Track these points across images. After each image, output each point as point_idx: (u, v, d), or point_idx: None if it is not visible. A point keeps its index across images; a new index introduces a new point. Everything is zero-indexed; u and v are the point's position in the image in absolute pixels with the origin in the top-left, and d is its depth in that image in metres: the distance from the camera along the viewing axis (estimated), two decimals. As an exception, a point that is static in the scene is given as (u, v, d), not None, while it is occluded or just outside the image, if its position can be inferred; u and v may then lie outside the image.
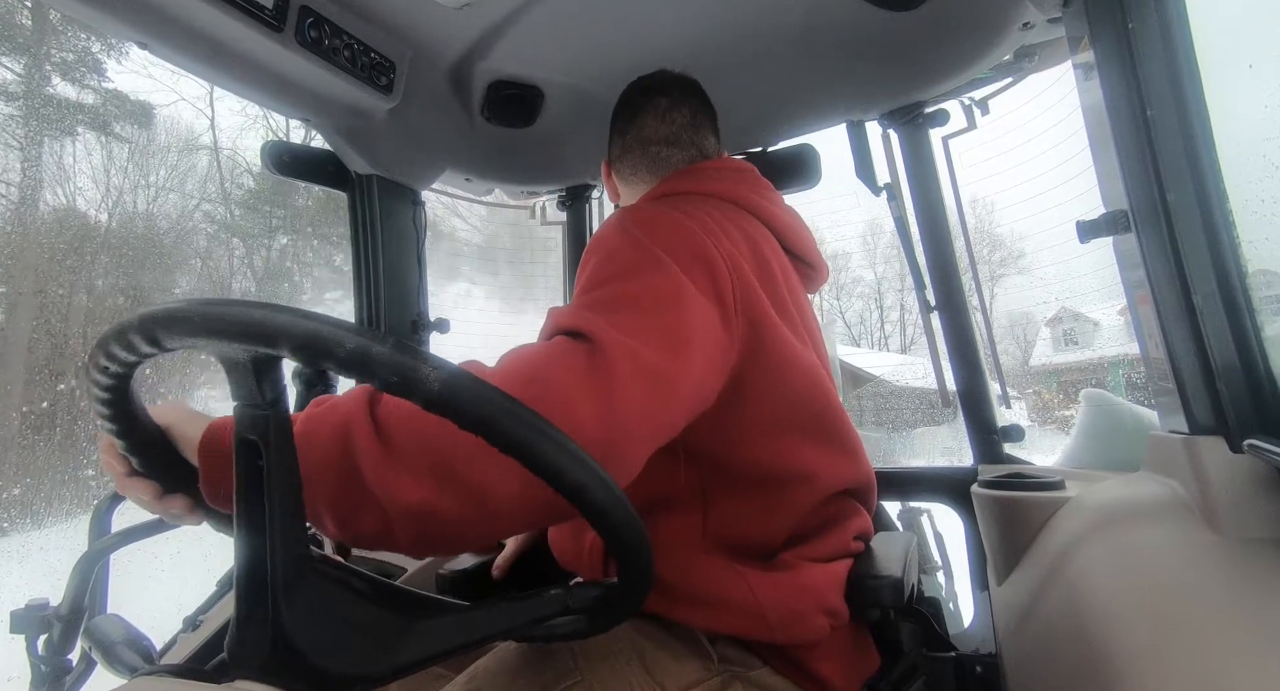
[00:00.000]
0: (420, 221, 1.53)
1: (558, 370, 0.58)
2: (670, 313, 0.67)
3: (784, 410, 0.78)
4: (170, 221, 10.22)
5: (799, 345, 0.80)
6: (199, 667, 0.47)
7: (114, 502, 0.96)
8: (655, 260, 0.70)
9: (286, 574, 0.43)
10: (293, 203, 11.40)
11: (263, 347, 0.40)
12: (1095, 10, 0.78)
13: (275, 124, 11.91)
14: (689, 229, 0.76)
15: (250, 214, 11.39)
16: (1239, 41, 0.76)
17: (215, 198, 11.13)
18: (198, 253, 10.53)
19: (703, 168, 0.95)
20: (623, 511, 0.46)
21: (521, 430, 0.42)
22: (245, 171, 11.57)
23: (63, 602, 0.83)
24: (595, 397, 0.57)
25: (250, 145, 11.68)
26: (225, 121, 11.92)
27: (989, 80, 1.31)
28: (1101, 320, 11.75)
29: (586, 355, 0.60)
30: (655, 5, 1.21)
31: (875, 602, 0.79)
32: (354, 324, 0.44)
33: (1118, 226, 0.80)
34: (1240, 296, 0.67)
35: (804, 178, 1.38)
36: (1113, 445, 1.21)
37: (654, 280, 0.69)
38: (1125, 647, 0.63)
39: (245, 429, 0.44)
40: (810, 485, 0.80)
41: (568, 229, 1.87)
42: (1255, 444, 0.63)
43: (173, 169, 10.66)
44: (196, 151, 11.20)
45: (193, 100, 11.66)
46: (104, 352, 0.45)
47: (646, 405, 0.61)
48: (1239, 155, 0.69)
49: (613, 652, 0.72)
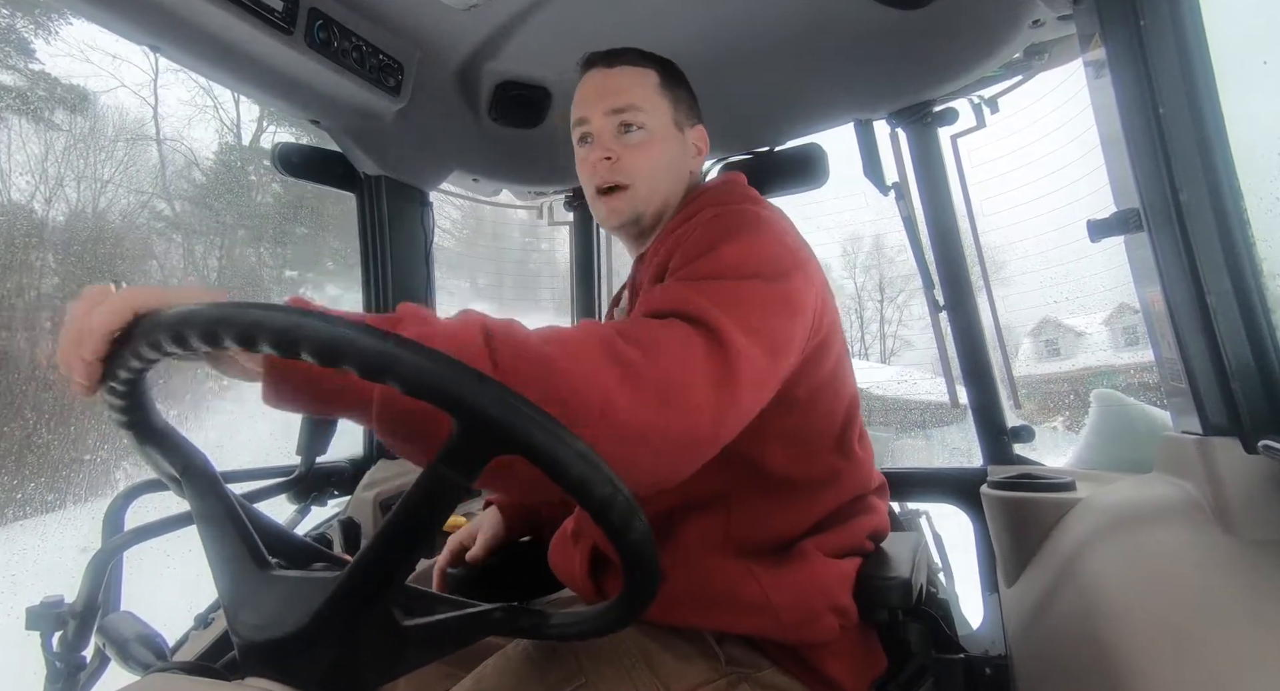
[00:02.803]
0: (428, 222, 1.54)
1: (681, 354, 0.58)
2: (787, 321, 0.68)
3: (822, 423, 0.80)
4: (111, 218, 8.79)
5: (849, 365, 0.83)
6: (210, 665, 0.48)
7: (127, 500, 0.97)
8: (796, 266, 0.72)
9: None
10: (249, 200, 10.05)
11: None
12: (1107, 7, 0.78)
13: (226, 115, 10.39)
14: (799, 241, 0.78)
15: (200, 211, 9.85)
16: (1253, 37, 0.75)
17: (167, 193, 9.60)
18: (142, 254, 9.05)
19: (733, 180, 0.93)
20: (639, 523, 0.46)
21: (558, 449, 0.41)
22: (193, 164, 9.99)
23: (77, 600, 0.84)
24: (719, 394, 0.58)
25: (199, 136, 10.19)
26: (173, 111, 10.16)
27: (998, 78, 1.30)
28: (1086, 330, 11.65)
29: (709, 348, 0.60)
30: (662, 5, 1.21)
31: (884, 603, 0.79)
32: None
33: (1129, 225, 0.79)
34: (1254, 295, 0.66)
35: (811, 177, 1.38)
36: (1124, 446, 1.20)
37: (788, 287, 0.70)
38: (1137, 649, 0.62)
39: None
40: (834, 489, 0.82)
41: (575, 228, 1.88)
42: (1270, 444, 0.62)
43: (113, 159, 9.11)
44: (138, 142, 9.60)
45: (135, 87, 9.84)
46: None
47: (750, 409, 0.62)
48: (1253, 153, 0.68)
49: (619, 654, 0.72)
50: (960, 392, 1.44)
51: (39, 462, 5.88)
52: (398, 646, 0.47)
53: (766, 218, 0.77)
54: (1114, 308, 10.62)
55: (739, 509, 0.78)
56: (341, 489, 1.36)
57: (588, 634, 0.53)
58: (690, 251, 0.71)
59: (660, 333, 0.59)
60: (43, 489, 5.83)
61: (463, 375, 0.40)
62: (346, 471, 1.40)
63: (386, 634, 0.46)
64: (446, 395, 0.40)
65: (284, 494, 1.18)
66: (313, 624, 0.43)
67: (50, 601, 0.85)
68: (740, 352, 0.60)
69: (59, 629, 0.83)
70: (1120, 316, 10.65)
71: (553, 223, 1.91)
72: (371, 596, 0.44)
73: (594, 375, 0.52)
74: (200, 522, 0.49)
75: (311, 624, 0.43)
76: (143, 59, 9.40)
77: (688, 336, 0.59)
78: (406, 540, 0.43)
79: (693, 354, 0.58)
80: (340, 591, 0.43)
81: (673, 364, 0.56)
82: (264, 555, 0.48)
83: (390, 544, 0.43)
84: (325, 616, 0.43)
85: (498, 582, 1.01)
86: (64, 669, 0.82)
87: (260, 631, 0.45)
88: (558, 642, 0.73)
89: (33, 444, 5.91)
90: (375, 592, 0.44)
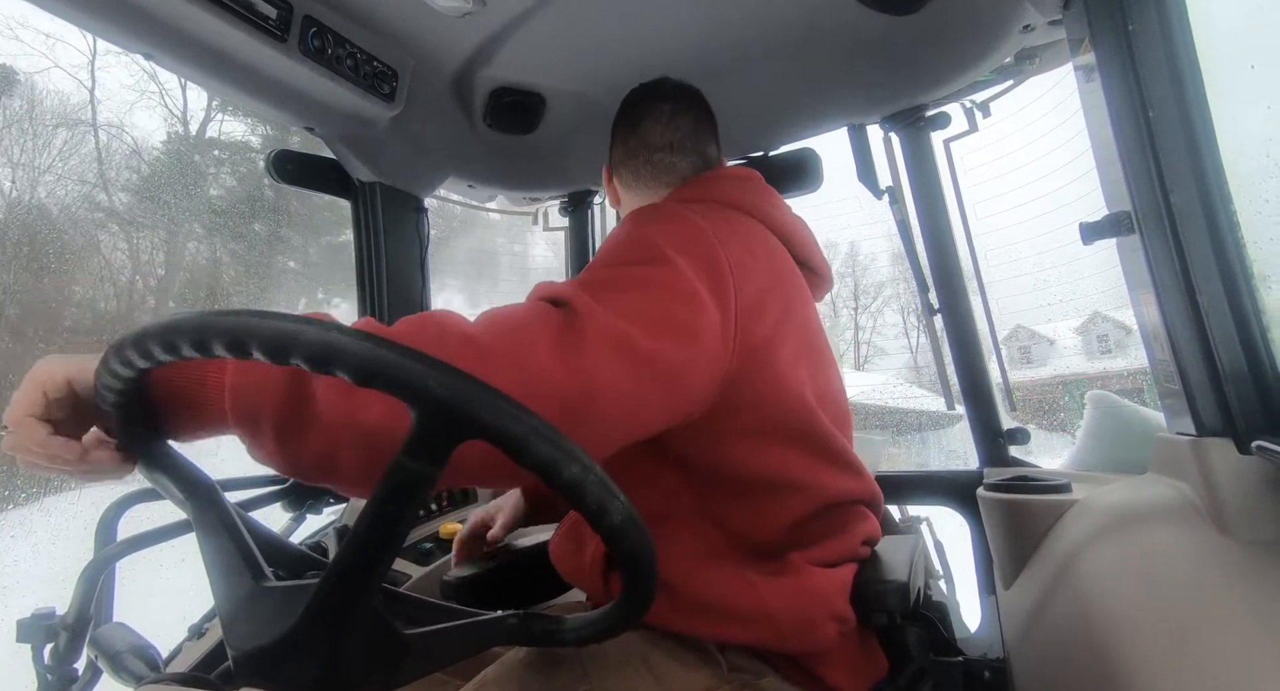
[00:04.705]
0: (423, 229, 1.54)
1: (529, 321, 0.58)
2: (675, 306, 0.66)
3: (770, 422, 0.77)
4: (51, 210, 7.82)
5: (792, 363, 0.79)
6: (204, 676, 0.47)
7: (119, 511, 0.96)
8: (664, 256, 0.70)
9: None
10: (202, 192, 9.04)
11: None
12: (1096, 12, 0.78)
13: (173, 101, 9.36)
14: (701, 229, 0.75)
15: (146, 203, 8.79)
16: (1240, 42, 0.76)
17: (105, 183, 8.49)
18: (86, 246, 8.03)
19: (712, 176, 0.94)
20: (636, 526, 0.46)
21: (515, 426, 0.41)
22: (134, 152, 8.95)
23: (68, 611, 0.83)
24: (562, 354, 0.56)
25: (140, 123, 9.12)
26: (115, 96, 9.14)
27: (990, 83, 1.31)
28: (1056, 339, 11.69)
29: (562, 318, 0.59)
30: (656, 10, 1.21)
31: (882, 607, 0.79)
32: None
33: (1121, 228, 0.79)
34: (1245, 297, 0.66)
35: (806, 182, 1.38)
36: (1119, 447, 1.20)
37: (661, 272, 0.68)
38: (1135, 651, 0.62)
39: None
40: (802, 495, 0.79)
41: (570, 235, 1.88)
42: (1263, 445, 0.62)
43: (50, 148, 8.15)
44: (75, 127, 8.60)
45: (70, 68, 8.84)
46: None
47: (620, 381, 0.58)
48: (1242, 156, 0.68)
49: (622, 661, 0.72)
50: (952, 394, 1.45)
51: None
52: (398, 655, 0.46)
53: (649, 217, 0.78)
54: (1087, 316, 10.68)
55: (717, 512, 0.77)
56: (337, 496, 1.36)
57: (588, 639, 0.52)
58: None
59: (514, 310, 0.60)
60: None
61: (412, 359, 0.39)
62: (342, 479, 1.39)
63: (384, 642, 0.46)
64: (396, 381, 0.39)
65: (279, 502, 1.17)
66: (296, 630, 0.43)
67: (41, 613, 0.84)
68: (602, 328, 0.59)
69: (50, 641, 0.82)
70: (1093, 324, 10.72)
71: (548, 229, 1.91)
72: (351, 599, 0.44)
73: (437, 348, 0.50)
74: (200, 533, 0.49)
75: (295, 630, 0.43)
76: (79, 39, 8.57)
77: (544, 312, 0.60)
78: (379, 539, 0.43)
79: (548, 323, 0.58)
80: (319, 596, 0.43)
81: (516, 330, 0.57)
82: (260, 565, 0.48)
83: (363, 544, 0.43)
84: (307, 622, 0.43)
85: (495, 589, 1.00)
86: (55, 681, 0.81)
87: (250, 640, 0.45)
88: (557, 649, 0.73)
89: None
90: (354, 595, 0.44)
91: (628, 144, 1.00)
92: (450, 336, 0.54)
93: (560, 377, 0.55)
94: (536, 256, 4.93)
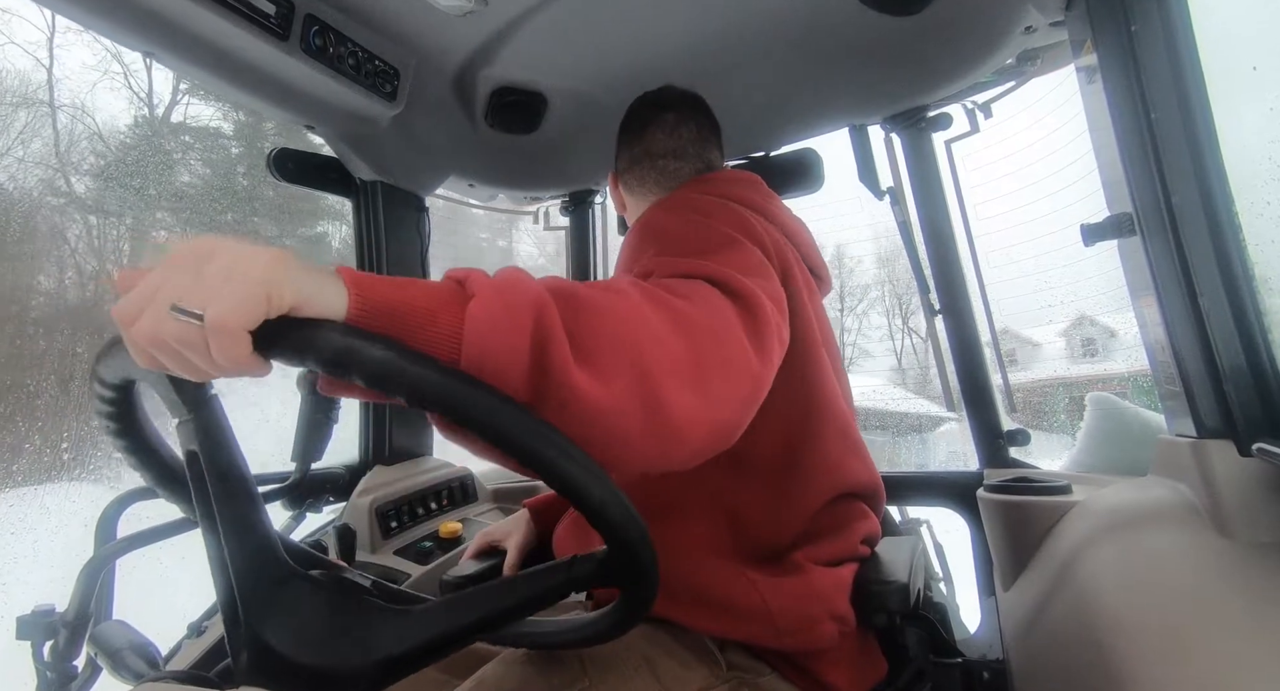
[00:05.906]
0: (424, 228, 1.54)
1: (724, 322, 0.60)
2: (771, 284, 0.71)
3: (803, 399, 0.81)
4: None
5: (818, 342, 0.84)
6: (203, 673, 0.47)
7: (119, 508, 0.96)
8: (730, 238, 0.74)
9: (247, 577, 0.44)
10: (170, 179, 7.99)
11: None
12: (1098, 13, 0.78)
13: (138, 83, 8.44)
14: (736, 209, 0.80)
15: (114, 189, 7.81)
16: (1242, 43, 0.76)
17: (62, 165, 7.54)
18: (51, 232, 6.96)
19: (717, 176, 0.98)
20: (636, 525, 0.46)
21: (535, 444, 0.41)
22: (95, 135, 7.87)
23: (68, 608, 0.83)
24: (759, 354, 0.60)
25: (104, 105, 8.26)
26: (76, 76, 8.05)
27: (992, 84, 1.30)
28: (1042, 342, 11.70)
29: (742, 311, 0.62)
30: (658, 10, 1.21)
31: (881, 608, 0.79)
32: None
33: (1122, 229, 0.79)
34: (1246, 299, 0.66)
35: (807, 182, 1.38)
36: (1119, 449, 1.20)
37: (737, 255, 0.72)
38: (1134, 652, 0.62)
39: (186, 441, 0.45)
40: (827, 476, 0.81)
41: (571, 234, 1.88)
42: (1264, 447, 0.62)
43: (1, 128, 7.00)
44: (31, 106, 7.56)
45: (27, 45, 7.82)
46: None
47: (776, 357, 0.65)
48: (1243, 157, 0.68)
49: (621, 660, 0.72)
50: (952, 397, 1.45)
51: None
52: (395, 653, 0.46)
53: (682, 204, 0.83)
54: (1072, 319, 10.65)
55: (728, 505, 0.78)
56: (337, 495, 1.36)
57: (580, 643, 0.52)
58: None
59: (694, 287, 0.61)
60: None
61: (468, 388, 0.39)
62: (342, 478, 1.39)
63: (383, 641, 0.46)
64: (444, 406, 0.39)
65: (279, 500, 1.17)
66: (300, 632, 0.43)
67: (41, 610, 0.84)
68: (771, 317, 0.63)
69: (50, 638, 0.82)
70: (1078, 328, 10.70)
71: (549, 228, 1.91)
72: (351, 601, 0.44)
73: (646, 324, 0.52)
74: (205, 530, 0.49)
75: (299, 632, 0.43)
76: (36, 14, 7.54)
77: (723, 303, 0.62)
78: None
79: (734, 320, 0.61)
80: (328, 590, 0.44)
81: (712, 314, 0.59)
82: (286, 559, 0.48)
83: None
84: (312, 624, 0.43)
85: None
86: (55, 679, 0.81)
87: (257, 640, 0.44)
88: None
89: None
90: (358, 596, 0.44)
91: (633, 151, 1.04)
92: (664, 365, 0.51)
93: (754, 380, 0.59)
94: (523, 253, 4.87)
